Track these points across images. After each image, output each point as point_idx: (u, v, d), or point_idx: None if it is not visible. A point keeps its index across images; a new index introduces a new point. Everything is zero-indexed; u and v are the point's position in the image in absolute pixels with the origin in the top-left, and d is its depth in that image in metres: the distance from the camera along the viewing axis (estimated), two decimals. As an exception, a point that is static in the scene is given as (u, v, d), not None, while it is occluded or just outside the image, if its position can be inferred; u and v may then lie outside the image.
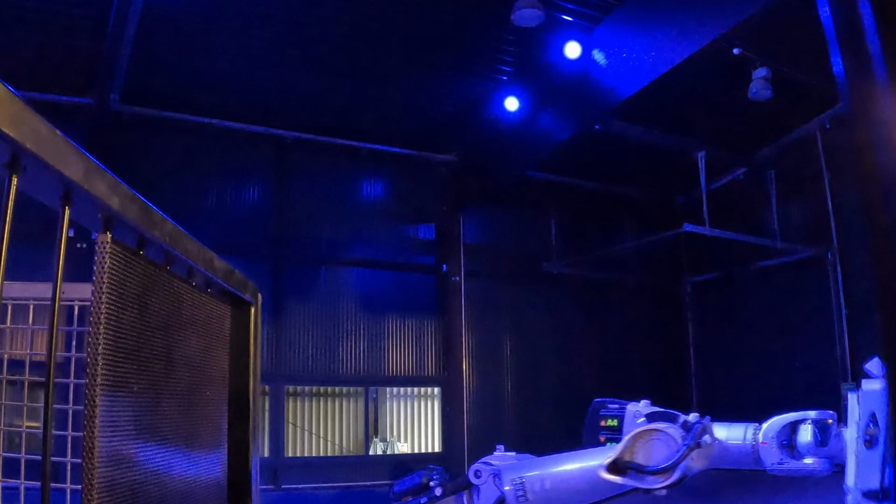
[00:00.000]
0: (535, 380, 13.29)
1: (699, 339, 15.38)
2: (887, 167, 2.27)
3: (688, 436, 1.92)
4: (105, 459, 1.02)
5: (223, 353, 1.68)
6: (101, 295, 1.03)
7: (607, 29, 9.24)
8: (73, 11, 8.58)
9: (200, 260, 1.44)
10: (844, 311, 12.40)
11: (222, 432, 1.67)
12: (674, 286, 15.54)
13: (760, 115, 11.76)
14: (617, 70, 9.01)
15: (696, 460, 1.96)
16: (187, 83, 10.31)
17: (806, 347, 12.96)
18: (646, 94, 8.85)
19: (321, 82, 10.68)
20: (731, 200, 13.64)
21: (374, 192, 12.83)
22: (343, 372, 11.74)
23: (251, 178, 11.64)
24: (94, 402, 1.00)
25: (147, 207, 1.17)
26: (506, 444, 2.39)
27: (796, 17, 8.53)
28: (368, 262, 12.25)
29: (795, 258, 13.15)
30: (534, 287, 13.66)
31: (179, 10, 8.67)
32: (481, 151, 12.39)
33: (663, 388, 14.74)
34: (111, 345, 1.05)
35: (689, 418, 2.09)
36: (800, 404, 2.35)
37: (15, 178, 0.85)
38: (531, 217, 13.93)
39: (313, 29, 9.49)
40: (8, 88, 0.80)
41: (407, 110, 11.73)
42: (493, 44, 10.20)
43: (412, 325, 12.46)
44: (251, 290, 1.79)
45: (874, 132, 2.33)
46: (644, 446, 1.98)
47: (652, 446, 1.98)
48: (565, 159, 12.44)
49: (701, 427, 2.00)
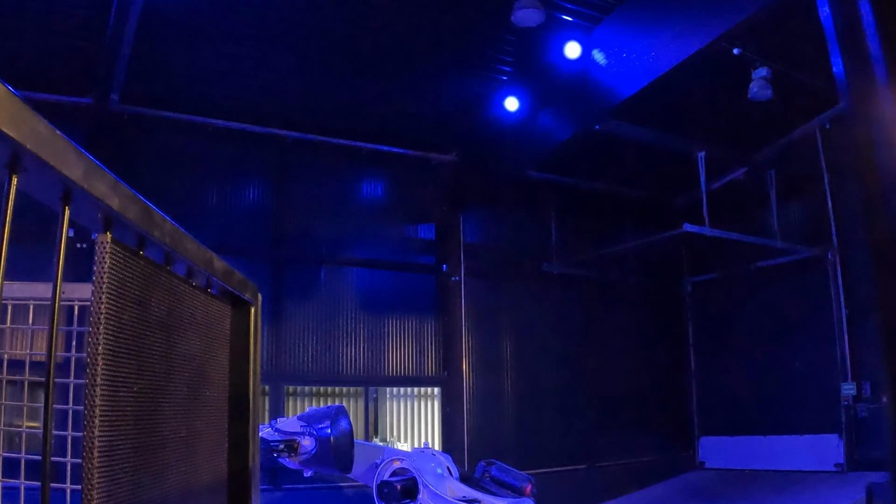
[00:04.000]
0: (536, 379, 13.29)
1: (699, 339, 15.38)
2: (887, 167, 2.27)
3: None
4: (105, 459, 1.02)
5: (223, 353, 1.68)
6: (101, 295, 1.03)
7: (607, 29, 9.24)
8: (73, 11, 8.58)
9: (200, 260, 1.44)
10: (844, 311, 12.40)
11: (222, 432, 1.67)
12: (674, 286, 15.54)
13: (760, 115, 11.76)
14: (617, 70, 9.01)
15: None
16: (187, 83, 10.31)
17: (806, 347, 12.96)
18: (646, 94, 8.85)
19: (321, 82, 10.68)
20: (731, 200, 13.64)
21: (374, 192, 12.83)
22: (343, 372, 11.73)
23: (251, 178, 11.63)
24: (94, 402, 1.00)
25: (147, 207, 1.17)
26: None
27: (796, 17, 8.54)
28: (368, 262, 12.24)
29: (795, 258, 13.15)
30: (534, 287, 13.65)
31: (179, 10, 8.66)
32: (481, 151, 12.39)
33: (663, 387, 14.75)
34: (111, 345, 1.05)
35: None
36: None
37: (15, 178, 0.86)
38: (531, 217, 13.93)
39: (313, 29, 9.49)
40: (8, 88, 0.80)
41: (407, 110, 11.73)
42: (493, 44, 10.20)
43: (412, 325, 12.46)
44: (251, 291, 1.79)
45: (874, 132, 2.33)
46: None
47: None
48: (565, 159, 12.44)
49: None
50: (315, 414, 3.56)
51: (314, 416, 3.51)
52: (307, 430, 3.38)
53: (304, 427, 3.39)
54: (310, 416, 3.54)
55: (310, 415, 3.56)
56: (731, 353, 14.40)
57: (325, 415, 3.50)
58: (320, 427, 3.37)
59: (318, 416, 3.50)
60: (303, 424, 3.43)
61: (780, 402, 13.19)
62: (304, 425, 3.41)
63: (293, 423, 3.48)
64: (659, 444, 14.22)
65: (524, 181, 12.92)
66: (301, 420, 3.49)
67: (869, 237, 2.39)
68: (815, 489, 11.37)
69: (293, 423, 3.47)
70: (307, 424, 3.42)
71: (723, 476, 13.76)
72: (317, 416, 3.47)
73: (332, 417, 3.43)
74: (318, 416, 3.49)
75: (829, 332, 12.54)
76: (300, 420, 3.49)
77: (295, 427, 3.44)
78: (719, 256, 14.20)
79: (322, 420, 3.42)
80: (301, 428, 3.38)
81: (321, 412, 3.56)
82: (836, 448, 12.23)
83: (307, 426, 3.40)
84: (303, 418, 3.51)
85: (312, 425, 3.39)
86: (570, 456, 13.21)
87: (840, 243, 12.56)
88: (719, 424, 14.47)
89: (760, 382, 13.63)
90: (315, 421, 3.40)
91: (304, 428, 3.39)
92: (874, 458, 10.96)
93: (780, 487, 11.94)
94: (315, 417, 3.49)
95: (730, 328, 14.57)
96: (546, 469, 12.64)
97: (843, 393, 12.16)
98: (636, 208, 15.01)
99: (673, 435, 14.60)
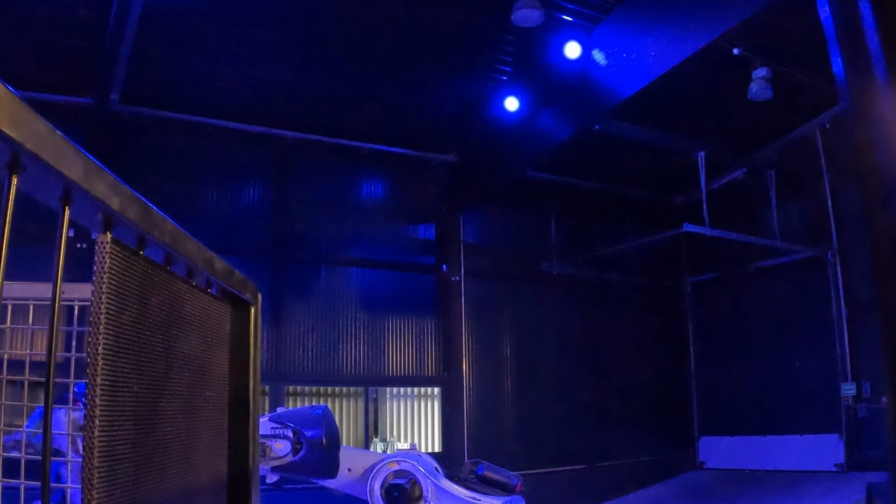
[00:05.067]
0: (535, 379, 13.30)
1: (699, 339, 15.38)
2: (887, 167, 2.27)
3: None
4: (105, 459, 1.02)
5: (223, 353, 1.68)
6: (101, 295, 1.03)
7: (607, 29, 9.23)
8: (73, 11, 8.58)
9: (200, 260, 1.44)
10: (844, 311, 12.40)
11: (222, 432, 1.67)
12: (674, 286, 15.54)
13: (760, 115, 11.76)
14: (617, 70, 9.00)
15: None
16: (187, 83, 10.31)
17: (806, 347, 12.97)
18: (646, 94, 8.85)
19: (321, 82, 10.68)
20: (731, 200, 13.65)
21: (374, 192, 12.83)
22: (343, 372, 11.73)
23: (251, 178, 11.63)
24: (94, 402, 1.00)
25: (147, 207, 1.17)
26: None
27: (796, 17, 8.54)
28: (368, 262, 12.24)
29: (795, 258, 13.15)
30: (534, 287, 13.65)
31: (179, 10, 8.67)
32: (481, 151, 12.39)
33: (663, 387, 14.75)
34: (111, 345, 1.05)
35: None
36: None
37: (15, 178, 0.85)
38: (531, 217, 13.93)
39: (313, 29, 9.49)
40: (8, 88, 0.80)
41: (407, 110, 11.73)
42: (493, 44, 10.20)
43: (412, 325, 12.46)
44: (251, 290, 1.79)
45: (874, 132, 2.33)
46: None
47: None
48: (565, 159, 12.44)
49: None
50: (295, 416, 3.42)
51: (294, 417, 3.37)
52: (281, 432, 3.23)
53: (277, 429, 3.25)
54: (287, 417, 3.40)
55: (287, 416, 3.42)
56: (731, 353, 14.39)
57: (310, 418, 3.35)
58: (309, 432, 3.24)
59: (299, 418, 3.36)
60: (275, 427, 3.28)
61: (780, 402, 13.19)
62: (276, 427, 3.27)
63: (264, 424, 3.34)
64: (659, 444, 14.21)
65: (524, 181, 12.91)
66: (273, 422, 3.34)
67: (869, 237, 2.39)
68: (815, 489, 11.37)
69: (264, 426, 3.31)
70: (280, 426, 3.26)
71: (723, 476, 13.75)
72: (299, 419, 3.34)
73: (320, 421, 3.28)
74: (301, 418, 3.34)
75: (829, 332, 12.54)
76: (272, 422, 3.33)
77: (266, 429, 3.30)
78: (719, 256, 14.20)
79: (308, 423, 3.27)
80: (273, 430, 3.23)
81: (303, 414, 3.42)
82: (836, 448, 12.22)
83: (280, 428, 3.25)
84: (276, 419, 3.37)
85: (293, 428, 3.25)
86: (570, 456, 13.21)
87: (840, 243, 12.56)
88: (719, 424, 14.47)
89: (760, 382, 13.63)
90: (298, 423, 3.26)
91: (277, 430, 3.25)
92: (874, 458, 10.95)
93: (779, 487, 11.94)
94: (297, 419, 3.34)
95: (730, 328, 14.57)
96: (546, 469, 12.64)
97: (843, 393, 12.16)
98: (636, 208, 15.01)
99: (673, 435, 14.60)
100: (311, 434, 3.17)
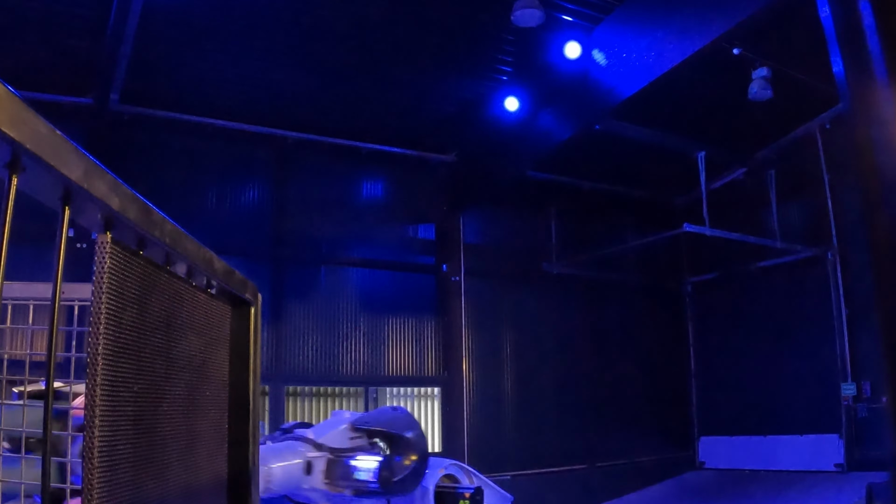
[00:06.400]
0: (536, 379, 13.29)
1: (699, 339, 15.38)
2: (887, 167, 2.27)
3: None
4: (105, 459, 1.02)
5: (223, 353, 1.68)
6: (101, 295, 1.03)
7: (607, 29, 9.24)
8: (73, 11, 8.58)
9: (200, 260, 1.44)
10: (844, 311, 12.41)
11: (222, 432, 1.67)
12: (674, 286, 15.54)
13: (760, 115, 11.76)
14: (617, 70, 9.01)
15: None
16: (187, 83, 10.30)
17: (806, 347, 12.97)
18: (646, 94, 8.85)
19: (321, 82, 10.68)
20: (731, 200, 13.65)
21: (374, 191, 12.83)
22: (343, 372, 11.73)
23: (251, 178, 11.63)
24: (94, 402, 1.00)
25: (147, 207, 1.17)
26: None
27: (796, 17, 8.54)
28: (368, 262, 12.24)
29: (795, 258, 13.15)
30: (534, 287, 13.65)
31: (179, 10, 8.66)
32: (481, 151, 12.39)
33: (663, 387, 14.75)
34: (111, 345, 1.05)
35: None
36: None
37: (15, 178, 0.85)
38: (531, 217, 13.92)
39: (313, 29, 9.49)
40: (8, 88, 0.80)
41: (407, 110, 11.73)
42: (493, 44, 10.20)
43: (412, 325, 12.46)
44: (251, 290, 1.79)
45: (874, 132, 2.33)
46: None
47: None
48: (565, 159, 12.44)
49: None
50: (381, 420, 2.43)
51: (382, 422, 2.37)
52: (365, 442, 2.30)
53: (357, 439, 2.28)
54: (374, 421, 2.39)
55: (374, 420, 2.41)
56: (731, 353, 14.39)
57: (401, 421, 2.42)
58: (404, 438, 2.32)
59: (387, 422, 2.42)
60: (354, 436, 2.32)
61: (780, 402, 13.19)
62: (355, 437, 2.31)
63: (341, 434, 2.47)
64: (659, 444, 14.22)
65: (524, 181, 12.91)
66: (357, 430, 2.36)
67: (869, 237, 2.39)
68: (815, 489, 11.37)
69: (341, 436, 2.45)
70: (362, 435, 2.34)
71: (723, 476, 13.75)
72: (386, 424, 2.39)
73: (413, 424, 2.39)
74: (388, 422, 2.44)
75: (829, 332, 12.54)
76: (354, 429, 2.34)
77: (342, 441, 2.41)
78: (719, 256, 14.20)
79: (400, 428, 2.38)
80: (351, 442, 2.27)
81: (389, 417, 2.48)
82: (836, 448, 12.22)
83: (361, 437, 2.32)
84: (361, 424, 2.39)
85: (387, 433, 2.29)
86: (570, 456, 13.21)
87: (840, 243, 12.57)
88: (719, 424, 14.46)
89: (760, 382, 13.63)
90: (389, 429, 2.35)
91: (356, 441, 2.28)
92: (874, 458, 10.95)
93: (780, 487, 11.94)
94: (386, 425, 2.38)
95: (730, 328, 14.57)
96: (546, 469, 12.65)
97: (843, 393, 12.16)
98: (636, 208, 15.01)
99: (673, 435, 14.60)
100: (406, 442, 2.33)
